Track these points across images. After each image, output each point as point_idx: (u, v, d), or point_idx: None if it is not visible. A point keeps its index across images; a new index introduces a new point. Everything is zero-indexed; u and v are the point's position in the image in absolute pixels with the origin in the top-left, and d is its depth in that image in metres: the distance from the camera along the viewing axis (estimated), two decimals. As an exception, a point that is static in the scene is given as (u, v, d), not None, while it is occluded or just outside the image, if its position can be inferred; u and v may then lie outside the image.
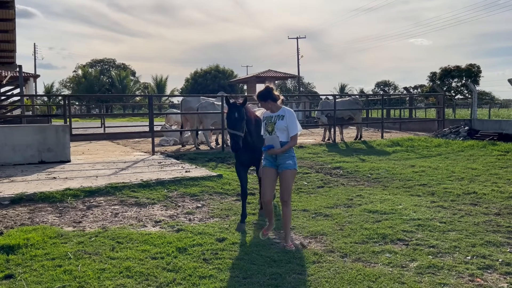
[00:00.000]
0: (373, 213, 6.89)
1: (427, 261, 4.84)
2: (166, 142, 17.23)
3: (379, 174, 10.55)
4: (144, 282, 4.38)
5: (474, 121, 19.77)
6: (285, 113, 5.32)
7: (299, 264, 4.84)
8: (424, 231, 5.99)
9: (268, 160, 5.44)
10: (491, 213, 6.88)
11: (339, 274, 4.53)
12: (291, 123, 5.26)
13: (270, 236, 5.87)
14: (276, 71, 43.07)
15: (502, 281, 4.33)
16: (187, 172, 10.13)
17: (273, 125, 5.29)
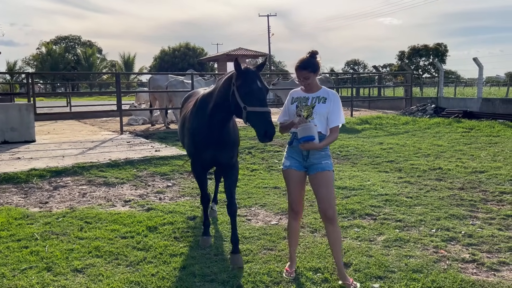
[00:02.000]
0: (342, 189, 7.00)
1: (394, 235, 4.97)
2: (135, 122, 16.94)
3: (348, 151, 10.70)
4: (114, 261, 4.34)
5: (441, 99, 20.24)
6: (329, 95, 3.85)
7: (270, 240, 4.89)
8: (391, 206, 6.14)
9: (293, 159, 3.93)
10: (455, 187, 7.10)
11: (309, 249, 4.60)
12: (335, 110, 3.83)
13: (239, 213, 5.89)
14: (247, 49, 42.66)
15: (464, 252, 4.50)
16: (157, 151, 10.00)
17: (310, 109, 3.82)
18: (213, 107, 4.08)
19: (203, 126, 4.23)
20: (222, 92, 3.95)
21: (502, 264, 4.21)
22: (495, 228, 5.16)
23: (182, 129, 4.82)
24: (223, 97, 3.94)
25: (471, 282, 3.82)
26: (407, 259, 4.31)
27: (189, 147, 4.57)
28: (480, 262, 4.24)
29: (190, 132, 4.42)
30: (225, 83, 3.94)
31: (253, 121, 3.68)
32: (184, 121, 4.70)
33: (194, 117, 4.37)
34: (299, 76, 3.81)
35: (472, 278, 3.90)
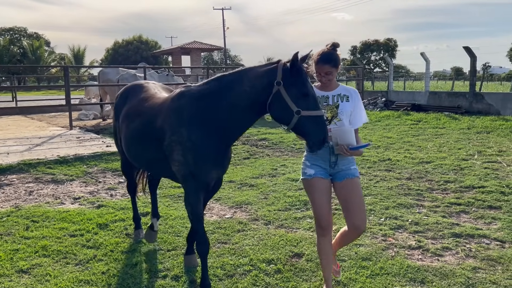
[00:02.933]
0: (296, 182, 7.10)
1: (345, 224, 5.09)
2: (86, 116, 16.41)
3: (302, 144, 10.85)
4: (62, 261, 4.20)
5: (391, 92, 20.90)
6: (350, 92, 3.43)
7: (224, 234, 4.89)
8: (343, 196, 6.28)
9: (318, 167, 3.41)
10: (403, 177, 7.37)
11: (263, 241, 4.64)
12: (359, 108, 3.45)
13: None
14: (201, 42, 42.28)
15: (411, 239, 4.69)
16: (108, 146, 9.74)
17: (335, 109, 3.36)
18: (236, 111, 3.23)
19: (214, 136, 3.31)
20: (253, 92, 3.16)
21: (445, 249, 4.42)
22: (440, 216, 5.41)
23: (153, 141, 3.60)
24: (253, 98, 3.17)
25: (417, 267, 3.98)
26: (357, 248, 4.44)
27: (186, 167, 3.37)
28: (425, 248, 4.43)
29: (189, 147, 3.31)
30: (257, 80, 3.15)
31: (307, 127, 3.07)
32: (159, 130, 3.53)
33: (195, 125, 3.32)
34: (319, 71, 3.30)
35: (417, 264, 4.07)
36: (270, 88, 3.10)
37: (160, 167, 3.73)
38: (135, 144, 3.89)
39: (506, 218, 5.23)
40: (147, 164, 3.95)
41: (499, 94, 16.79)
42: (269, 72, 3.14)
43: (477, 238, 4.67)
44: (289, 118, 3.08)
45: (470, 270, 3.92)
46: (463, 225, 5.07)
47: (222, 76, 3.38)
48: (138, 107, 3.95)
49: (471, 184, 6.73)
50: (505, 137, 11.18)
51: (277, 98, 3.08)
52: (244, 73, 3.26)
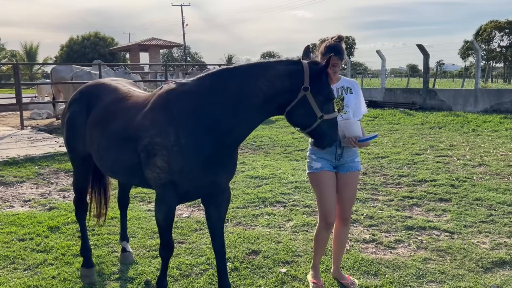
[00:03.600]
0: (255, 179, 7.11)
1: (302, 220, 5.15)
2: (38, 116, 15.81)
3: (262, 141, 10.89)
4: (9, 266, 4.02)
5: (348, 89, 21.27)
6: (353, 85, 3.53)
7: (181, 233, 4.82)
8: (300, 192, 6.35)
9: (324, 160, 3.43)
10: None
11: (220, 239, 4.60)
12: (361, 100, 3.54)
13: (149, 207, 5.76)
14: (160, 39, 41.64)
15: (365, 233, 4.79)
16: (61, 146, 9.42)
17: (340, 102, 3.41)
18: (244, 109, 2.84)
19: (211, 138, 2.86)
20: (270, 91, 2.81)
21: (398, 242, 4.54)
22: (393, 209, 5.55)
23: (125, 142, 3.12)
24: (268, 98, 2.82)
25: (370, 260, 4.07)
26: (312, 243, 4.48)
27: (169, 175, 2.89)
28: (379, 242, 4.54)
29: (176, 152, 2.83)
30: (278, 80, 2.80)
31: (325, 129, 2.92)
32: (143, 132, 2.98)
33: (186, 125, 2.85)
34: (336, 63, 3.32)
35: (371, 257, 4.16)
36: (294, 92, 2.80)
37: (139, 176, 3.12)
38: (113, 152, 3.24)
39: (456, 210, 5.43)
40: (129, 173, 3.26)
41: (451, 91, 17.45)
42: (294, 73, 2.82)
43: (428, 230, 4.82)
44: (311, 123, 2.88)
45: (421, 261, 4.04)
46: (415, 217, 5.22)
47: (226, 70, 2.98)
48: (113, 109, 3.33)
49: (423, 178, 6.96)
50: (456, 132, 11.64)
51: (303, 104, 2.82)
52: (260, 67, 2.88)
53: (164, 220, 3.12)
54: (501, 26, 60.59)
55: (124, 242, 4.21)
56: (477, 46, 16.99)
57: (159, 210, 3.10)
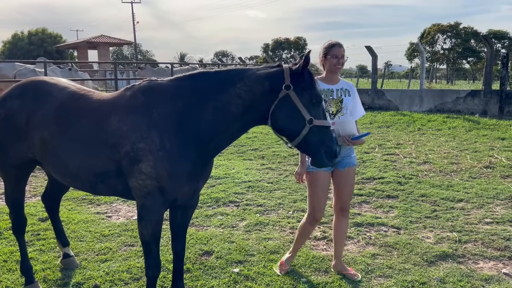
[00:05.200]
0: (209, 179, 7.06)
1: (255, 219, 5.17)
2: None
3: (215, 141, 10.84)
4: None
5: (300, 89, 21.60)
6: (350, 88, 3.65)
7: (131, 236, 4.71)
8: (253, 192, 6.38)
9: None
10: (311, 171, 7.65)
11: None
12: (357, 101, 3.68)
13: (99, 210, 5.60)
14: (110, 36, 40.51)
15: (316, 231, 4.87)
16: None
17: (339, 104, 3.53)
18: (223, 118, 2.70)
19: (193, 146, 2.72)
20: (248, 97, 2.67)
21: (348, 238, 4.65)
22: (344, 206, 5.68)
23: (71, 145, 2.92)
24: (248, 105, 2.67)
25: (321, 257, 4.15)
26: (265, 242, 4.52)
27: (155, 181, 2.70)
28: (330, 239, 4.63)
29: (162, 157, 2.66)
30: (256, 84, 2.67)
31: (319, 139, 2.67)
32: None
33: (169, 129, 2.70)
34: (338, 53, 3.46)
35: (322, 254, 4.24)
36: (274, 94, 2.64)
37: (111, 184, 2.90)
38: (79, 157, 2.92)
39: (402, 206, 5.64)
40: (97, 181, 2.93)
41: (398, 91, 18.11)
42: (272, 75, 2.67)
43: (377, 226, 4.98)
44: (299, 129, 2.63)
45: (369, 256, 4.17)
46: (364, 214, 5.38)
47: (207, 73, 2.80)
48: (72, 108, 3.01)
49: (372, 175, 7.18)
50: (402, 131, 12.09)
51: (285, 104, 2.63)
52: (238, 73, 2.73)
53: (152, 235, 2.85)
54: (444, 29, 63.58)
55: (66, 247, 3.96)
56: (422, 48, 17.74)
57: (146, 224, 2.82)
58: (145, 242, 2.89)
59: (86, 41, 38.20)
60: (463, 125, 12.13)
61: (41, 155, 3.13)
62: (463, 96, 15.03)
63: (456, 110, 14.90)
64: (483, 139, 10.33)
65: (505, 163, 7.76)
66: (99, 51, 37.95)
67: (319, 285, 3.61)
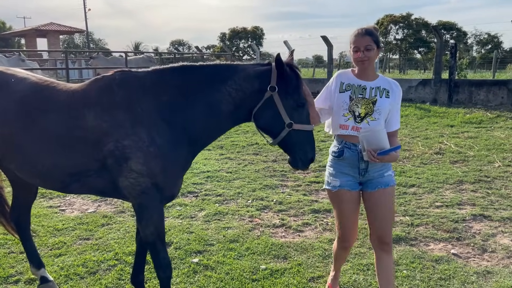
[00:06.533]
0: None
1: (214, 209, 5.16)
2: None
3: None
4: None
5: (258, 79, 21.64)
6: (392, 87, 2.87)
7: (87, 229, 4.60)
8: (212, 182, 6.36)
9: (345, 176, 2.87)
10: (269, 160, 7.71)
11: (130, 233, 4.47)
12: (397, 108, 2.90)
13: (51, 204, 5.42)
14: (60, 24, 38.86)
15: (275, 218, 4.93)
16: None
17: (371, 105, 2.79)
18: (212, 115, 2.67)
19: (182, 140, 2.66)
20: (239, 95, 2.65)
21: (306, 225, 4.74)
22: (301, 194, 5.78)
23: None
24: (238, 103, 2.66)
25: (280, 244, 4.20)
26: (225, 231, 4.52)
27: (149, 178, 2.60)
28: (288, 226, 4.70)
29: (154, 153, 2.56)
30: (247, 83, 2.65)
31: (296, 142, 2.67)
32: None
33: (157, 124, 2.60)
34: (358, 44, 2.75)
35: (281, 241, 4.30)
36: (261, 94, 2.63)
37: (90, 183, 2.73)
38: (51, 156, 2.70)
39: (357, 192, 5.79)
40: (73, 180, 2.74)
41: (353, 80, 18.45)
42: (263, 74, 2.65)
43: (333, 212, 5.08)
44: (278, 131, 2.65)
45: (326, 242, 4.26)
46: (321, 201, 5.49)
47: (191, 67, 2.71)
48: (36, 102, 2.76)
49: (328, 163, 7.31)
50: (357, 119, 12.37)
51: (268, 105, 2.63)
52: (227, 70, 2.69)
53: (156, 234, 2.70)
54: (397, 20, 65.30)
55: (42, 269, 3.42)
56: (375, 39, 18.15)
57: (147, 224, 2.67)
58: (150, 243, 2.74)
59: (35, 28, 36.47)
60: (414, 113, 12.56)
61: (2, 153, 2.87)
62: (415, 85, 15.55)
63: (408, 98, 15.39)
64: (434, 126, 10.75)
65: (454, 149, 8.13)
66: (49, 40, 36.37)
67: (278, 272, 3.66)
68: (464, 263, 3.81)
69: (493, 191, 5.74)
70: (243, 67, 2.71)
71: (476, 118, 11.36)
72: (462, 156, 7.64)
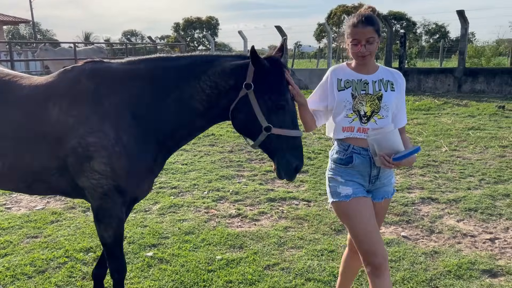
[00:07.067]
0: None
1: (169, 202, 5.09)
2: None
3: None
4: None
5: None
6: (395, 77, 2.55)
7: (35, 227, 4.42)
8: (167, 174, 6.26)
9: (355, 184, 2.46)
10: (225, 151, 7.68)
11: (80, 230, 4.34)
12: (403, 101, 2.57)
13: (-2, 202, 5.17)
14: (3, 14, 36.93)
15: (231, 208, 4.93)
16: None
17: (376, 102, 2.44)
18: (185, 114, 2.46)
19: (151, 140, 2.47)
20: (214, 93, 2.43)
21: (262, 214, 4.76)
22: (257, 183, 5.80)
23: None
24: (213, 102, 2.44)
25: (236, 234, 4.20)
26: (180, 223, 4.47)
27: (112, 180, 2.43)
28: (244, 215, 4.71)
29: (119, 153, 2.39)
30: (222, 79, 2.41)
31: (278, 149, 2.38)
32: None
33: (124, 121, 2.42)
34: (358, 37, 2.36)
35: (237, 231, 4.30)
36: (236, 91, 2.38)
37: (53, 182, 2.55)
38: (9, 154, 2.52)
39: (312, 180, 5.88)
40: (34, 180, 2.57)
41: (307, 70, 18.70)
42: (239, 69, 2.39)
43: (288, 200, 5.14)
44: (255, 134, 2.39)
45: (282, 230, 4.30)
46: (277, 190, 5.53)
47: (166, 59, 2.51)
48: None
49: (284, 152, 7.37)
50: (312, 108, 12.53)
51: (243, 105, 2.37)
52: (203, 63, 2.45)
53: (114, 238, 2.56)
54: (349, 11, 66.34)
55: None
56: (329, 29, 18.41)
57: (106, 227, 2.52)
58: (107, 245, 2.60)
59: (-26, 18, 34.47)
60: (367, 101, 12.86)
61: None
62: (367, 74, 15.91)
63: (360, 87, 15.76)
64: (385, 114, 11.06)
65: (404, 136, 8.39)
66: (-9, 30, 34.52)
67: (234, 261, 3.66)
68: (413, 245, 3.95)
69: (440, 174, 5.99)
70: (220, 60, 2.46)
71: (424, 105, 11.78)
72: (412, 142, 7.90)
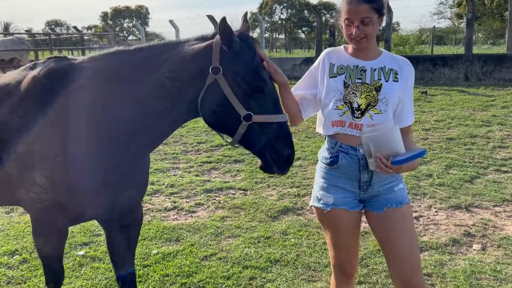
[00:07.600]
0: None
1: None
2: None
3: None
4: None
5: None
6: (400, 65, 2.11)
7: (-48, 232, 4.09)
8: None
9: (340, 191, 2.15)
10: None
11: (4, 232, 4.10)
12: (410, 94, 2.15)
13: None
14: None
15: (167, 202, 4.85)
16: None
17: (374, 94, 2.06)
18: (147, 113, 2.01)
19: (109, 145, 2.06)
20: (175, 86, 1.98)
21: (198, 205, 4.73)
22: (193, 175, 5.75)
23: None
24: (176, 97, 1.99)
25: (172, 227, 4.15)
26: None
27: (52, 195, 2.07)
28: (180, 208, 4.65)
29: (62, 163, 2.03)
30: (183, 67, 1.97)
31: (263, 139, 1.97)
32: None
33: (76, 126, 2.05)
34: (352, 15, 1.96)
35: (173, 224, 4.24)
36: (202, 78, 1.95)
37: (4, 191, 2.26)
38: None
39: (248, 169, 5.92)
40: None
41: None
42: (202, 52, 1.96)
43: (225, 190, 5.15)
44: (234, 126, 1.96)
45: (219, 220, 4.30)
46: (213, 180, 5.51)
47: (123, 52, 2.10)
48: None
49: (220, 143, 7.35)
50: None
51: (214, 94, 1.95)
52: (161, 53, 2.02)
53: (53, 253, 2.29)
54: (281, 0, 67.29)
55: None
56: (261, 18, 18.55)
57: (44, 242, 2.23)
58: (44, 258, 2.33)
59: None
60: (300, 90, 13.13)
61: None
62: (299, 63, 16.24)
63: (293, 76, 16.00)
64: (317, 101, 11.36)
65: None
66: None
67: (170, 255, 3.61)
68: (345, 227, 4.11)
69: (369, 158, 6.26)
70: (179, 46, 2.04)
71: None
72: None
